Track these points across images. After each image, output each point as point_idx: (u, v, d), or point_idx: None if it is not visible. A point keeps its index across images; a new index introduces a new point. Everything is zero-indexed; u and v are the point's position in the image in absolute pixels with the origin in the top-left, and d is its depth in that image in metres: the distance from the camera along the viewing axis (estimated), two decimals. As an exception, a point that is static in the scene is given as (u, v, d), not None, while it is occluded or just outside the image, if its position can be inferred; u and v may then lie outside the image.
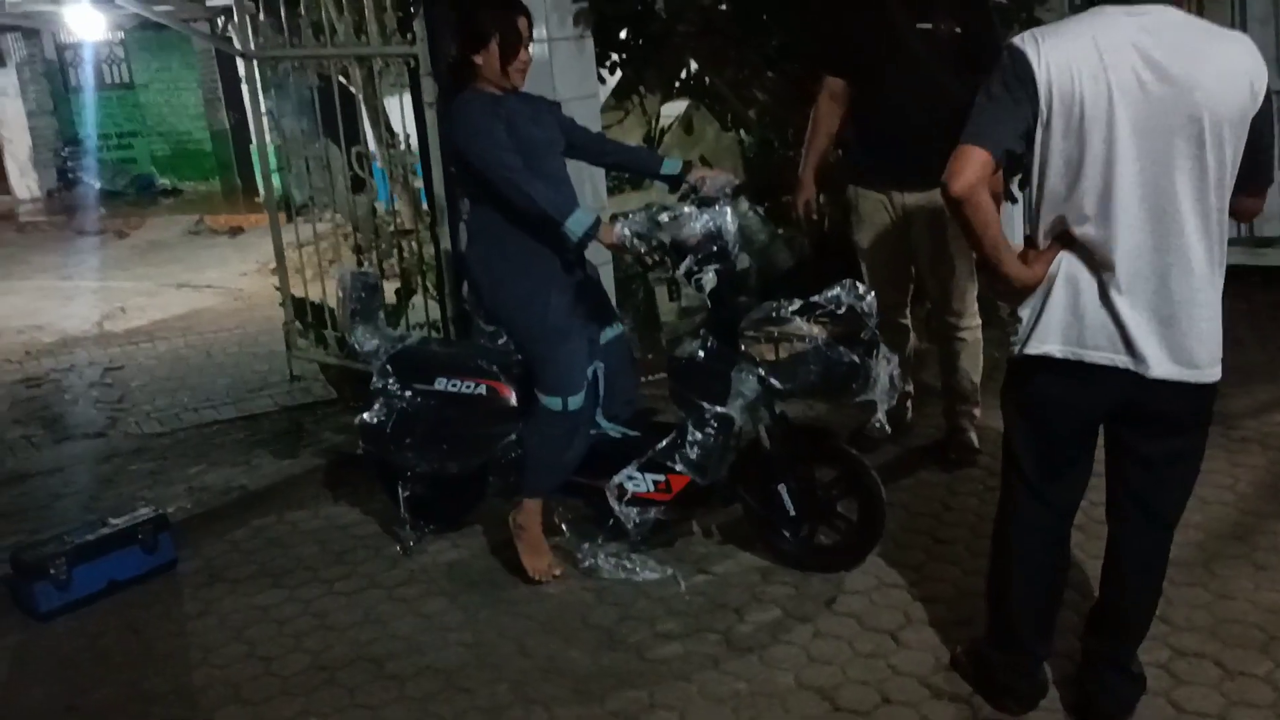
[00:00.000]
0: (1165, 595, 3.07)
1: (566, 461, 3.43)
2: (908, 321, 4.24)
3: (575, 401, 3.35)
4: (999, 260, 2.33)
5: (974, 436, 4.09)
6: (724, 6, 5.33)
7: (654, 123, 6.21)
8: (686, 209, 3.07)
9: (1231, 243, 2.34)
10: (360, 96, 5.93)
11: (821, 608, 3.23)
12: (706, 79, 5.81)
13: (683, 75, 5.82)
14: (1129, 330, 2.28)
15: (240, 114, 14.53)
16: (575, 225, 3.12)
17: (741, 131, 6.14)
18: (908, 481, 4.00)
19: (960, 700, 2.77)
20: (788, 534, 3.40)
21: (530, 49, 3.31)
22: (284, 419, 5.50)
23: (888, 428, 3.33)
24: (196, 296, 9.86)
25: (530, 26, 3.31)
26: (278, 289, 5.57)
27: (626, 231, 3.03)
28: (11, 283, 11.18)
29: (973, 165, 2.23)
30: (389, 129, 6.08)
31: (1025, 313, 2.42)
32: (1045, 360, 2.38)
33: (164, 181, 16.06)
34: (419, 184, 5.61)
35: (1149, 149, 2.20)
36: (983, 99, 2.30)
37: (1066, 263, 2.33)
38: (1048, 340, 2.37)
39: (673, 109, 6.59)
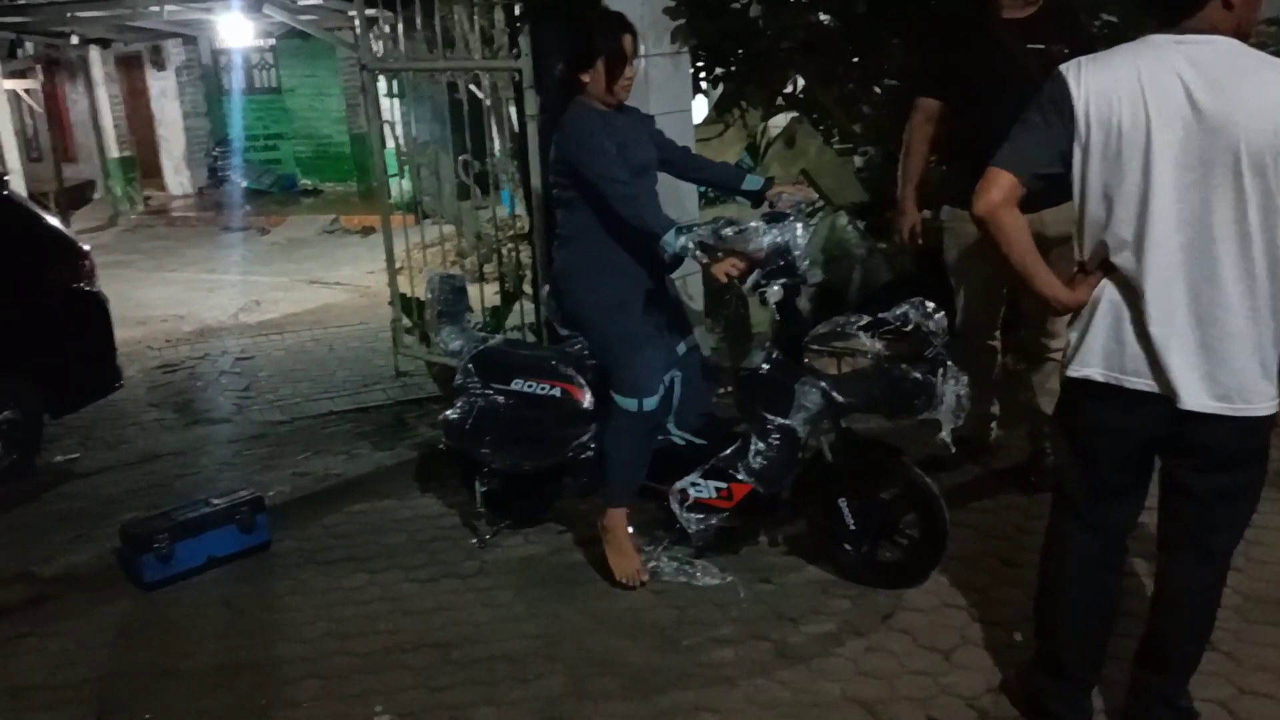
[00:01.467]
0: (1235, 632, 3.03)
1: (642, 463, 3.53)
2: (997, 343, 4.19)
3: (651, 403, 3.44)
4: (1029, 277, 2.39)
5: (1056, 460, 4.02)
6: (828, 21, 5.36)
7: (758, 136, 6.26)
8: (753, 223, 3.13)
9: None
10: (489, 105, 6.15)
11: (878, 623, 3.25)
12: (812, 93, 5.83)
13: (788, 89, 5.86)
14: (1163, 360, 2.27)
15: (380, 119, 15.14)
16: (670, 246, 3.20)
17: (859, 148, 6.15)
18: (986, 503, 3.97)
19: (1003, 723, 2.77)
20: (849, 548, 3.43)
21: (635, 65, 3.43)
22: (389, 413, 5.76)
23: (952, 446, 3.31)
24: (327, 292, 10.34)
25: (636, 44, 3.43)
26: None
27: (690, 244, 3.11)
28: (162, 274, 11.93)
29: (998, 187, 2.32)
30: (514, 137, 6.29)
31: (1073, 335, 2.43)
32: (1088, 384, 2.39)
33: (306, 182, 16.88)
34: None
35: (1186, 180, 2.19)
36: (1020, 124, 2.35)
37: (1110, 289, 2.34)
38: (1090, 364, 2.38)
39: (781, 121, 6.63)
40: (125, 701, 3.14)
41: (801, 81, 5.86)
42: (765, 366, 3.30)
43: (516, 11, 4.71)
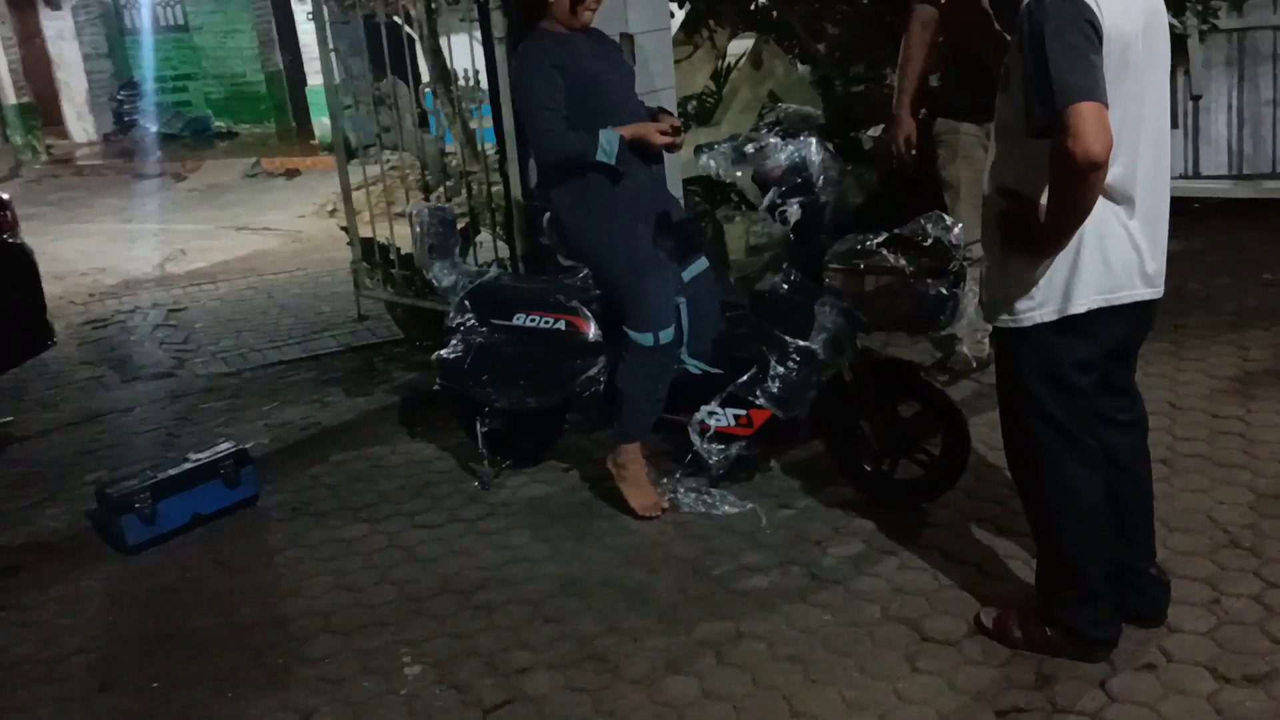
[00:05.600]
0: (1259, 529, 3.05)
1: (659, 398, 3.42)
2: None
3: (666, 335, 3.34)
4: (1069, 231, 2.28)
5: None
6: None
7: (721, 59, 6.09)
8: (772, 139, 3.01)
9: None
10: (418, 36, 5.86)
11: (906, 541, 3.21)
12: (776, 13, 5.69)
13: (752, 8, 5.71)
14: (1145, 259, 2.36)
15: (294, 55, 14.53)
16: (606, 153, 3.17)
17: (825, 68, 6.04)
18: (990, 415, 3.94)
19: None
20: (870, 468, 3.38)
21: None
22: (354, 358, 5.54)
23: (974, 361, 3.26)
24: (256, 239, 9.91)
25: None
26: (343, 229, 5.58)
27: (712, 163, 2.98)
28: (75, 225, 11.33)
29: (1104, 122, 2.09)
30: (445, 68, 6.00)
31: (1047, 278, 2.34)
32: (1077, 319, 2.35)
33: (220, 124, 16.11)
34: (477, 124, 5.56)
35: (1155, 80, 2.31)
36: (1063, 51, 2.12)
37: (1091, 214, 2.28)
38: (1086, 296, 2.34)
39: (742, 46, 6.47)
40: (128, 668, 2.97)
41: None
42: (784, 287, 3.20)
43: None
